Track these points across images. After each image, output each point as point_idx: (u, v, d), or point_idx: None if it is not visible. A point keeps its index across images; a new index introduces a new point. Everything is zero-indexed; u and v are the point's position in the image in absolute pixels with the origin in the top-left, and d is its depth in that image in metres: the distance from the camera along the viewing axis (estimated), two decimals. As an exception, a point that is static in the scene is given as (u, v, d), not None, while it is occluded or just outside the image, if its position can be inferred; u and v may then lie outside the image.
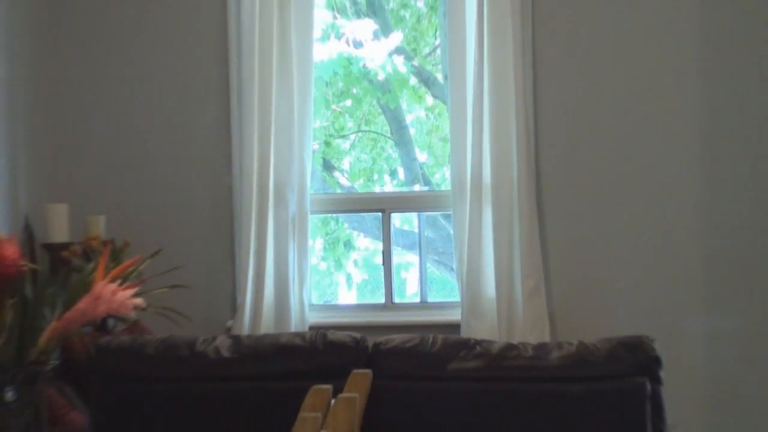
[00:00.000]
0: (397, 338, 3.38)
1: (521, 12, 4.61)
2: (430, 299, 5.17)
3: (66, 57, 5.06)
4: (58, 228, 4.49)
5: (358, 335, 3.45)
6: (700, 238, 4.78)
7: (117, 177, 4.96)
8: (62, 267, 3.37)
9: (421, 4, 5.64)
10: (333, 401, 2.31)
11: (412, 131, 5.87)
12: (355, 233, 6.07)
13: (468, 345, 3.28)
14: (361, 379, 2.66)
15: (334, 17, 5.59)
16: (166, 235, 4.63)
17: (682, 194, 4.76)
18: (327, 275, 5.99)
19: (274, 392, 3.04)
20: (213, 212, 5.04)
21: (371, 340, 3.38)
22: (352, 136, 6.08)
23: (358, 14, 5.64)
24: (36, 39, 5.08)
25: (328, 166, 5.83)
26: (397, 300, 5.06)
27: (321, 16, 5.12)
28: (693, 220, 4.74)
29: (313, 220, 5.10)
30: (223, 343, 3.36)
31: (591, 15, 4.75)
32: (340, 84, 5.70)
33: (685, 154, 4.79)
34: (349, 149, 6.04)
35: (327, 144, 5.75)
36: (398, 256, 5.52)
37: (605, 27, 4.79)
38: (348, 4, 5.65)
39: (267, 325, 4.73)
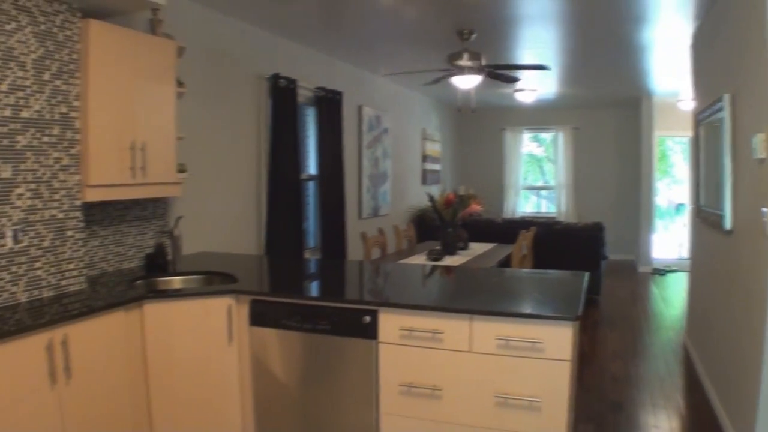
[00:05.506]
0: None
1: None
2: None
3: (464, 142, 13.64)
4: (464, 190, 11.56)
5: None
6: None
7: (478, 176, 13.60)
8: (461, 200, 6.75)
9: (548, 141, 13.95)
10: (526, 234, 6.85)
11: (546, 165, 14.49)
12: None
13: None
14: (531, 232, 7.20)
15: (528, 143, 14.06)
16: (482, 192, 12.76)
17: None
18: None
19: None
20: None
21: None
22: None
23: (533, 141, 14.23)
24: (455, 132, 13.20)
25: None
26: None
27: (525, 143, 13.77)
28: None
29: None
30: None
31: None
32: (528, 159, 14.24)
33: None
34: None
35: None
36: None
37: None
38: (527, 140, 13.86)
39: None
